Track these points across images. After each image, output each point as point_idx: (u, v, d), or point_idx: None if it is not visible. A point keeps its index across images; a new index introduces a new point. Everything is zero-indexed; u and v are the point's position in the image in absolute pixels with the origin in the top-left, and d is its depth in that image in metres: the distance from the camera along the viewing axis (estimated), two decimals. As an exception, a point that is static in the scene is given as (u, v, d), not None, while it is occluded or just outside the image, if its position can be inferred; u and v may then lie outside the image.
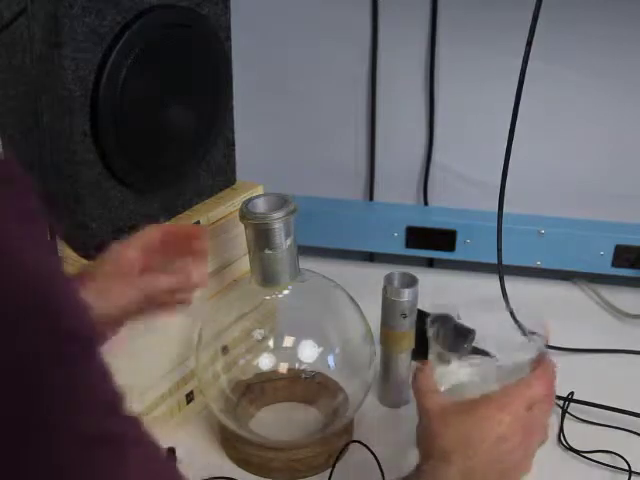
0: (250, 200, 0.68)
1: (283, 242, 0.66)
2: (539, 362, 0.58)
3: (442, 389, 0.59)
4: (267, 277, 0.69)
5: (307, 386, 0.75)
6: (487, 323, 0.59)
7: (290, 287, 0.70)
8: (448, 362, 0.60)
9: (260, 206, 0.67)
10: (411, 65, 1.01)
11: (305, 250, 0.69)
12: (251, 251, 0.68)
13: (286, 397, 0.77)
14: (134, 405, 0.73)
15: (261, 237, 0.66)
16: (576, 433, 0.75)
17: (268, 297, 0.73)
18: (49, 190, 0.61)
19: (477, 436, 0.54)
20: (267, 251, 0.66)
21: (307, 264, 0.72)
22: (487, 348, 0.59)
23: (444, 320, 0.61)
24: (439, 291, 0.84)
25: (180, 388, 0.77)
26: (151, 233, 0.66)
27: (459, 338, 0.60)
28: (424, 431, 0.57)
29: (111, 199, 0.68)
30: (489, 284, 0.83)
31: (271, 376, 0.75)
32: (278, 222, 0.65)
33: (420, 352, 0.67)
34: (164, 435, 0.77)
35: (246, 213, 0.66)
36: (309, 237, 0.97)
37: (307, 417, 0.76)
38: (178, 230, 0.68)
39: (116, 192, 0.69)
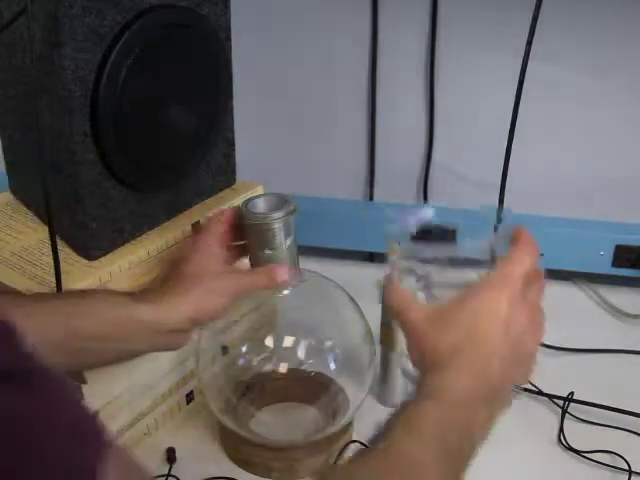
0: (250, 200, 0.67)
1: (283, 242, 0.66)
2: (515, 236, 0.55)
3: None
4: None
5: (307, 386, 0.75)
6: None
7: (290, 287, 0.70)
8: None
9: (260, 206, 0.67)
10: (411, 65, 1.01)
11: (305, 250, 0.69)
12: (251, 251, 0.68)
13: (286, 397, 0.77)
14: (134, 405, 0.74)
15: (261, 237, 0.66)
16: (576, 433, 0.75)
17: (268, 297, 0.73)
18: (49, 190, 0.61)
19: (481, 325, 0.50)
20: (267, 251, 0.66)
21: (307, 264, 0.72)
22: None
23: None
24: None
25: (180, 388, 0.77)
26: (216, 218, 0.66)
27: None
28: (418, 347, 0.52)
29: (111, 199, 0.68)
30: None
31: (271, 376, 0.75)
32: (278, 222, 0.65)
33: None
34: (164, 435, 0.78)
35: (246, 213, 0.66)
36: (309, 237, 0.97)
37: (307, 417, 0.76)
38: (228, 212, 0.68)
39: (116, 192, 0.69)
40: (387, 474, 0.45)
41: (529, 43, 0.71)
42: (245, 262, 0.68)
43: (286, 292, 0.71)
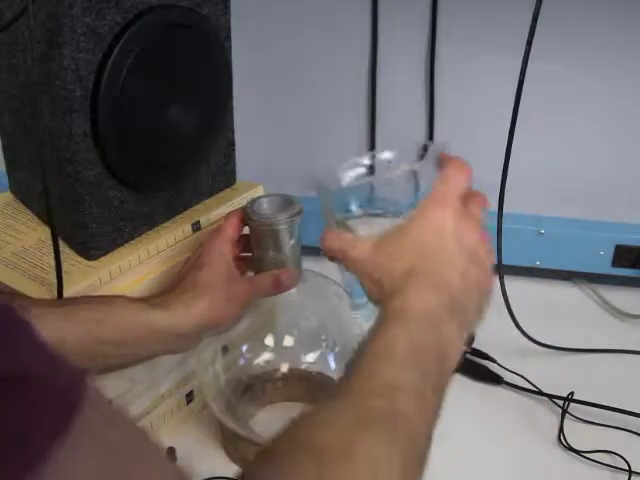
0: (254, 200, 0.67)
1: (287, 244, 0.66)
2: (442, 159, 0.54)
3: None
4: None
5: (307, 386, 0.75)
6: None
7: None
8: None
9: (264, 207, 0.67)
10: (411, 65, 1.01)
11: (305, 250, 0.69)
12: (254, 251, 0.68)
13: (286, 397, 0.77)
14: (134, 405, 0.74)
15: (265, 239, 0.66)
16: (576, 433, 0.75)
17: (270, 298, 0.73)
18: (49, 190, 0.61)
19: (430, 241, 0.50)
20: (270, 252, 0.66)
21: (307, 264, 0.72)
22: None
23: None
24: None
25: (180, 388, 0.77)
26: (232, 222, 0.67)
27: None
28: (373, 280, 0.51)
29: (111, 199, 0.68)
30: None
31: (271, 376, 0.75)
32: (282, 224, 0.65)
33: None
34: (164, 435, 0.78)
35: (250, 214, 0.66)
36: (309, 237, 0.97)
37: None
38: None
39: (116, 192, 0.69)
40: (357, 395, 0.44)
41: (529, 43, 0.71)
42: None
43: (287, 293, 0.71)
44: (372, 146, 1.07)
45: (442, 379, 0.47)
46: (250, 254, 0.68)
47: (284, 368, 0.75)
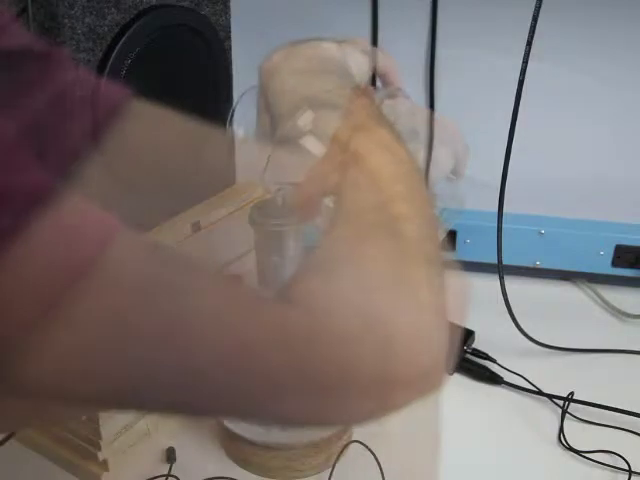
0: (260, 203, 0.67)
1: (292, 249, 0.66)
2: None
3: None
4: (273, 282, 0.69)
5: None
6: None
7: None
8: None
9: (270, 210, 0.67)
10: (411, 65, 1.01)
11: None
12: (258, 254, 0.68)
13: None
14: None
15: (270, 243, 0.66)
16: (576, 433, 0.75)
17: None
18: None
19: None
20: (275, 257, 0.66)
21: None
22: None
23: None
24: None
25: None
26: None
27: None
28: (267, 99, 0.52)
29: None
30: (489, 284, 0.83)
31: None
32: (288, 229, 0.65)
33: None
34: (164, 435, 0.78)
35: (256, 217, 0.65)
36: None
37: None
38: None
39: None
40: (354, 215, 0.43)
41: (529, 43, 0.71)
42: (242, 265, 0.68)
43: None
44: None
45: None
46: None
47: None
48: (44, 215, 0.28)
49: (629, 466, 0.70)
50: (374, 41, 1.00)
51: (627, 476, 0.69)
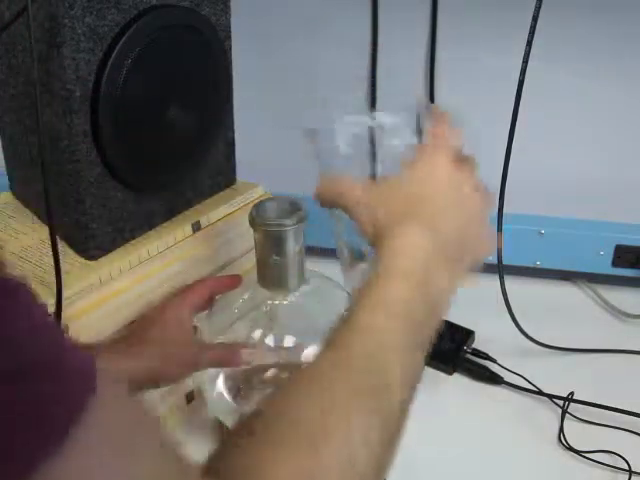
0: (260, 204, 0.67)
1: (292, 249, 0.66)
2: (432, 117, 0.55)
3: None
4: (272, 282, 0.69)
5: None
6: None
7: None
8: None
9: (270, 211, 0.67)
10: (411, 65, 1.01)
11: (306, 250, 0.69)
12: (258, 254, 0.68)
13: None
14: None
15: (270, 243, 0.66)
16: (576, 433, 0.75)
17: (270, 301, 0.72)
18: (49, 190, 0.61)
19: (425, 186, 0.51)
20: (275, 257, 0.66)
21: (310, 265, 0.72)
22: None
23: None
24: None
25: (180, 388, 0.77)
26: (201, 291, 0.67)
27: None
28: (370, 218, 0.52)
29: (111, 199, 0.68)
30: (489, 284, 0.83)
31: (272, 375, 0.75)
32: (288, 230, 0.65)
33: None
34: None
35: (256, 218, 0.65)
36: (309, 237, 0.97)
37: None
38: (222, 286, 0.70)
39: (116, 192, 0.69)
40: (345, 344, 0.44)
41: (529, 43, 0.71)
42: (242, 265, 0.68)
43: (292, 299, 0.71)
44: (372, 145, 1.06)
45: (431, 330, 0.48)
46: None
47: (285, 368, 0.75)
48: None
49: (629, 466, 0.70)
50: (374, 41, 1.00)
51: (627, 476, 0.69)
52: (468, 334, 0.87)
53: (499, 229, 0.80)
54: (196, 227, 0.75)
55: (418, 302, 0.47)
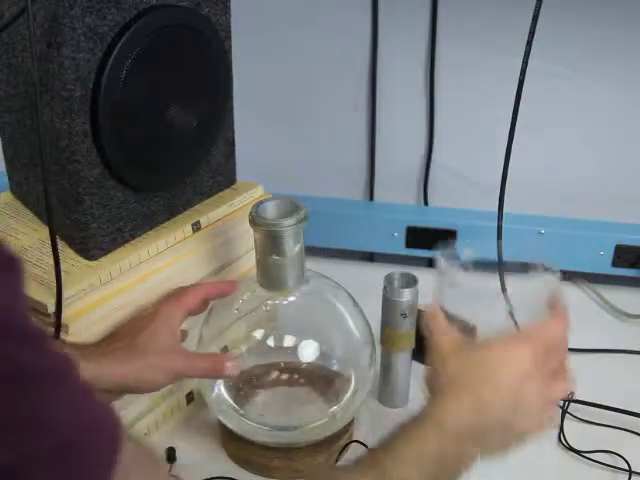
0: (260, 204, 0.67)
1: (292, 249, 0.66)
2: (553, 303, 0.56)
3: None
4: (272, 282, 0.69)
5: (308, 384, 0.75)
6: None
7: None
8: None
9: (270, 211, 0.67)
10: (411, 65, 1.01)
11: (305, 250, 0.69)
12: (258, 254, 0.68)
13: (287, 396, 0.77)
14: (134, 405, 0.73)
15: (270, 243, 0.66)
16: (576, 433, 0.75)
17: (270, 301, 0.72)
18: (49, 190, 0.61)
19: (497, 369, 0.52)
20: (274, 257, 0.66)
21: (307, 264, 0.72)
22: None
23: None
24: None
25: (180, 388, 0.77)
26: (195, 295, 0.67)
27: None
28: (438, 368, 0.55)
29: (111, 199, 0.68)
30: (489, 284, 0.83)
31: (272, 375, 0.75)
32: (288, 230, 0.65)
33: (420, 352, 0.67)
34: (164, 435, 0.78)
35: (256, 218, 0.65)
36: (309, 237, 0.97)
37: (308, 407, 0.76)
38: (217, 291, 0.70)
39: (116, 192, 0.69)
40: None
41: (529, 43, 0.70)
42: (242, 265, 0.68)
43: (292, 299, 0.71)
44: (372, 145, 1.07)
45: None
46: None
47: (284, 368, 0.75)
48: None
49: (629, 466, 0.70)
50: (374, 41, 1.00)
51: (627, 476, 0.69)
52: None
53: (499, 229, 0.80)
54: (196, 227, 0.75)
55: (445, 465, 0.51)
